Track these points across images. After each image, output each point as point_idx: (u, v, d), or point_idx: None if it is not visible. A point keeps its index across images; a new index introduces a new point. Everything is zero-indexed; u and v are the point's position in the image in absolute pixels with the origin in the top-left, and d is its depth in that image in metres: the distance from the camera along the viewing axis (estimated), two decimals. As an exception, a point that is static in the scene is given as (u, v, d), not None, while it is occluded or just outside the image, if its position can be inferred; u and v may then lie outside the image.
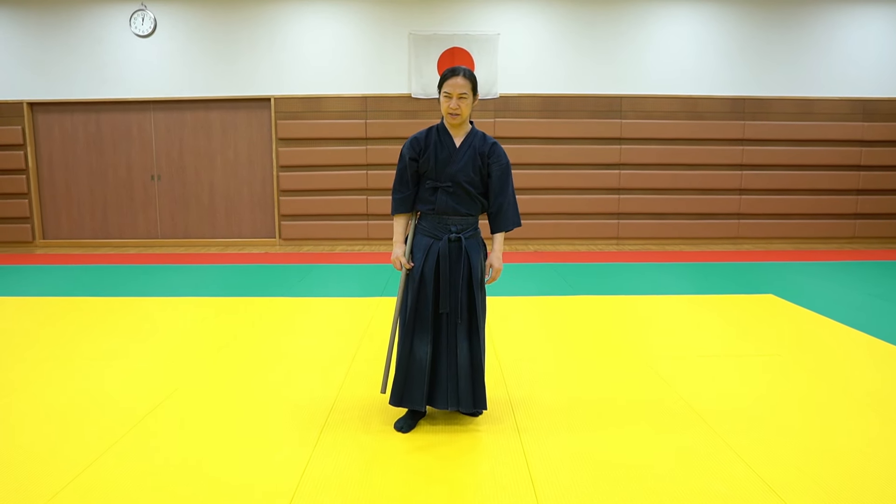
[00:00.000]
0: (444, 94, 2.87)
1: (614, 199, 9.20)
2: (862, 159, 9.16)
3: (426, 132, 2.96)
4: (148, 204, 9.34)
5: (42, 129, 9.17)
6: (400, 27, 8.94)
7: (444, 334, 2.91)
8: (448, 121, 2.90)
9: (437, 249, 2.90)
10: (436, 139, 2.93)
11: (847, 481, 2.51)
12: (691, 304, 5.47)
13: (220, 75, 8.99)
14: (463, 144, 2.93)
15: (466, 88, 2.84)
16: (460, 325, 2.90)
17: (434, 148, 2.91)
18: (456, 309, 2.90)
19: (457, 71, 2.86)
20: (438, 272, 2.89)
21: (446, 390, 2.91)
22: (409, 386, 2.92)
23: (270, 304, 5.51)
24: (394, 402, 2.96)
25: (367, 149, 9.01)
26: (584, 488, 2.47)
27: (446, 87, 2.85)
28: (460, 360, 2.90)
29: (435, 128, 2.97)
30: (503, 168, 2.97)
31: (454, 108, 2.84)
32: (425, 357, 2.89)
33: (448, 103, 2.85)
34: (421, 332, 2.90)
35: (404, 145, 2.96)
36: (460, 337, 2.90)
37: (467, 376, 2.91)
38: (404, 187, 2.97)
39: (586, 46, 9.03)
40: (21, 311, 5.27)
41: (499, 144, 3.00)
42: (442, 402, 2.93)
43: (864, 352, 4.15)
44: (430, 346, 2.89)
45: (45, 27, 8.89)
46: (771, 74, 9.10)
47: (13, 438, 2.90)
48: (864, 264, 7.48)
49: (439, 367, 2.92)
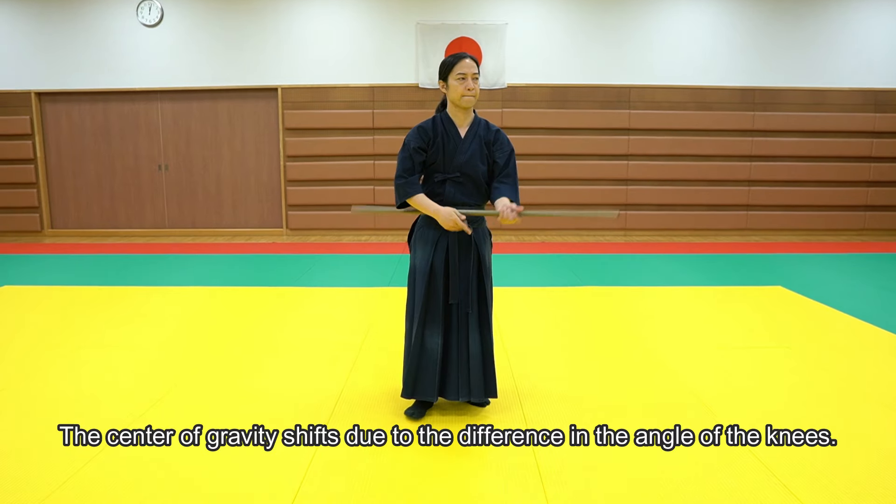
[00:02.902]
0: (457, 77, 2.81)
1: (622, 190, 9.15)
2: (873, 150, 9.07)
3: (431, 122, 2.92)
4: (155, 194, 9.35)
5: (50, 119, 9.18)
6: (407, 17, 8.89)
7: (454, 325, 2.91)
8: (463, 104, 2.84)
9: (447, 240, 2.89)
10: (442, 130, 2.89)
11: (859, 475, 2.49)
12: (699, 296, 5.43)
13: (228, 65, 8.97)
14: (468, 134, 2.91)
15: (476, 69, 2.84)
16: (471, 315, 2.91)
17: (441, 139, 2.88)
18: (466, 299, 2.89)
19: (463, 55, 2.85)
20: (447, 263, 2.88)
21: (457, 381, 2.91)
22: (421, 377, 2.91)
23: (277, 293, 5.52)
24: (406, 395, 2.96)
25: (374, 139, 8.99)
26: (593, 481, 2.46)
27: (460, 69, 2.81)
28: (472, 350, 2.91)
29: (438, 118, 2.93)
30: (508, 153, 2.95)
31: (471, 89, 2.81)
32: (437, 348, 2.89)
33: (464, 84, 2.81)
34: (432, 323, 2.89)
35: (409, 134, 2.90)
36: (471, 327, 2.91)
37: (479, 365, 2.92)
38: (409, 173, 2.87)
39: (594, 36, 8.96)
40: (29, 300, 5.29)
41: (503, 132, 2.99)
42: (453, 392, 2.93)
43: (874, 344, 4.12)
44: (441, 338, 2.89)
45: (53, 17, 8.88)
46: (781, 65, 9.00)
47: (19, 428, 2.91)
48: (875, 256, 7.42)
49: (450, 358, 2.92)
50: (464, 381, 2.92)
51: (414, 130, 2.91)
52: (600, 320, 4.69)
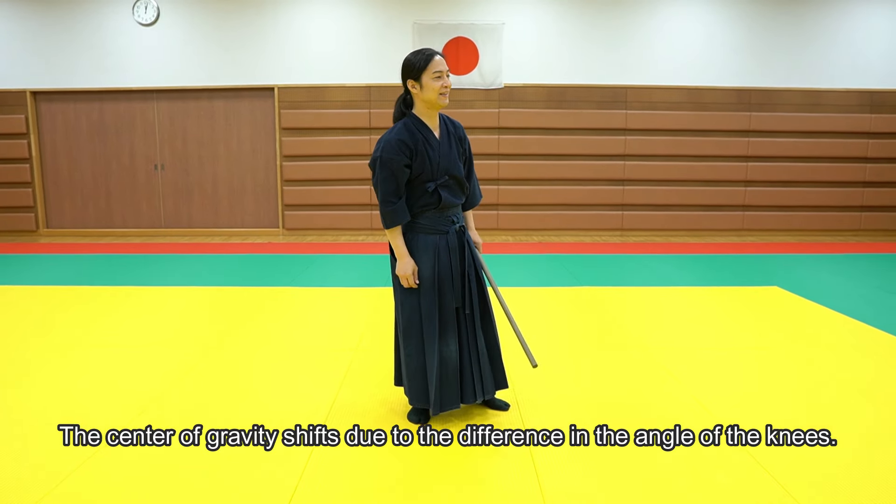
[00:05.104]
0: (434, 76, 2.69)
1: (619, 191, 9.16)
2: (869, 151, 9.10)
3: (406, 132, 2.73)
4: (151, 193, 9.32)
5: (45, 118, 9.14)
6: (404, 16, 8.88)
7: (464, 329, 2.89)
8: (441, 103, 2.74)
9: (447, 244, 2.84)
10: (421, 138, 2.75)
11: (855, 476, 2.49)
12: (696, 296, 5.44)
13: (224, 64, 8.94)
14: (441, 134, 2.85)
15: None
16: (476, 315, 2.90)
17: (423, 147, 2.74)
18: (470, 300, 2.89)
19: (432, 51, 2.74)
20: (451, 267, 2.85)
21: (472, 383, 2.90)
22: (446, 390, 2.84)
23: (273, 293, 5.50)
24: (436, 412, 2.84)
25: (370, 138, 8.97)
26: (593, 481, 2.46)
27: (436, 67, 2.69)
28: (480, 348, 2.91)
29: (410, 124, 2.76)
30: (469, 147, 2.98)
31: (447, 87, 2.73)
32: (455, 356, 2.85)
33: (441, 82, 2.70)
34: (447, 333, 2.83)
35: (385, 150, 2.68)
36: (477, 327, 2.91)
37: (487, 361, 2.94)
38: (395, 196, 2.72)
39: (591, 36, 8.97)
40: (24, 300, 5.27)
41: (460, 123, 2.99)
42: (470, 395, 2.91)
43: (870, 345, 4.13)
44: (456, 345, 2.86)
45: (48, 16, 8.85)
46: (777, 65, 9.03)
47: (18, 428, 2.90)
48: (870, 257, 7.45)
49: (464, 363, 2.89)
50: (478, 382, 2.90)
51: (392, 145, 2.69)
52: (598, 321, 4.70)
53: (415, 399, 2.90)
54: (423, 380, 2.85)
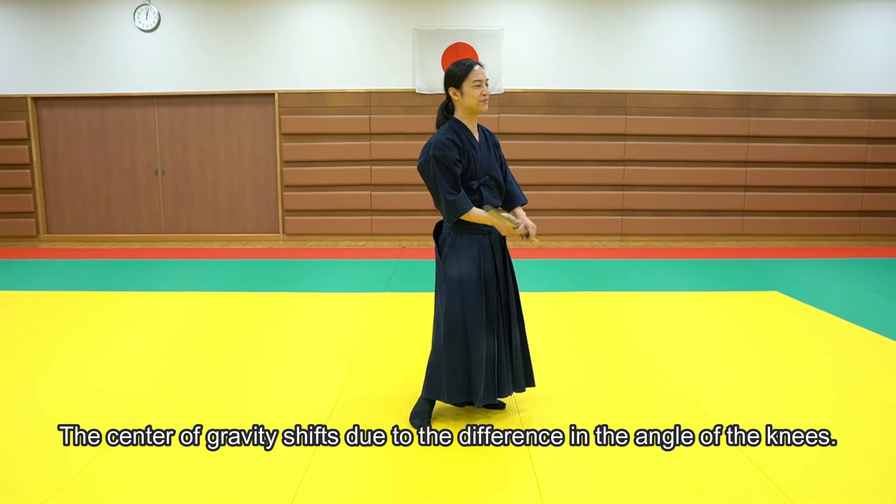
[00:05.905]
0: (474, 84, 2.86)
1: (618, 196, 9.17)
2: (868, 156, 9.12)
3: (453, 132, 2.88)
4: (152, 199, 9.33)
5: (46, 124, 9.17)
6: (404, 22, 8.92)
7: (500, 325, 2.96)
8: (480, 108, 2.91)
9: (489, 242, 2.96)
10: (465, 138, 2.91)
11: (855, 479, 2.49)
12: (696, 301, 5.45)
13: (224, 70, 8.98)
14: (481, 138, 3.01)
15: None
16: (513, 311, 3.01)
17: (467, 147, 2.90)
18: (507, 297, 2.99)
19: (472, 62, 2.91)
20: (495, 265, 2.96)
21: (508, 377, 2.98)
22: (488, 382, 2.91)
23: (274, 299, 5.51)
24: (479, 404, 2.92)
25: (370, 144, 9.00)
26: (593, 481, 2.46)
27: (476, 76, 2.86)
28: (514, 343, 3.00)
29: (455, 126, 2.92)
30: (502, 154, 3.17)
31: (487, 94, 2.90)
32: (494, 351, 2.93)
33: (480, 90, 2.87)
34: (488, 329, 2.91)
35: (437, 148, 2.82)
36: (513, 323, 3.00)
37: (520, 357, 3.03)
38: (455, 188, 2.84)
39: (591, 42, 9.00)
40: (25, 306, 5.27)
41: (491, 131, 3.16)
42: (506, 389, 2.98)
43: (870, 349, 4.13)
44: (495, 340, 2.93)
45: (50, 22, 8.89)
46: (776, 71, 9.06)
47: (18, 429, 2.90)
48: (870, 261, 7.45)
49: (501, 358, 2.96)
50: (511, 376, 3.00)
51: (443, 143, 2.83)
52: (598, 325, 4.70)
53: (454, 395, 2.91)
54: (466, 377, 2.91)
